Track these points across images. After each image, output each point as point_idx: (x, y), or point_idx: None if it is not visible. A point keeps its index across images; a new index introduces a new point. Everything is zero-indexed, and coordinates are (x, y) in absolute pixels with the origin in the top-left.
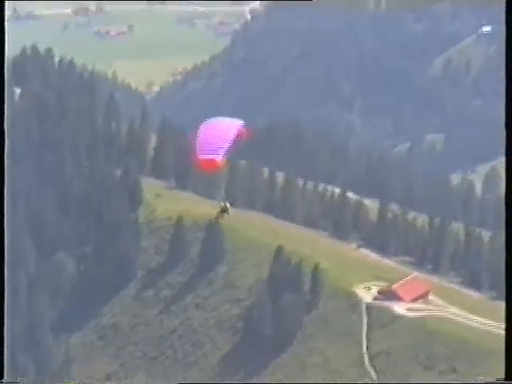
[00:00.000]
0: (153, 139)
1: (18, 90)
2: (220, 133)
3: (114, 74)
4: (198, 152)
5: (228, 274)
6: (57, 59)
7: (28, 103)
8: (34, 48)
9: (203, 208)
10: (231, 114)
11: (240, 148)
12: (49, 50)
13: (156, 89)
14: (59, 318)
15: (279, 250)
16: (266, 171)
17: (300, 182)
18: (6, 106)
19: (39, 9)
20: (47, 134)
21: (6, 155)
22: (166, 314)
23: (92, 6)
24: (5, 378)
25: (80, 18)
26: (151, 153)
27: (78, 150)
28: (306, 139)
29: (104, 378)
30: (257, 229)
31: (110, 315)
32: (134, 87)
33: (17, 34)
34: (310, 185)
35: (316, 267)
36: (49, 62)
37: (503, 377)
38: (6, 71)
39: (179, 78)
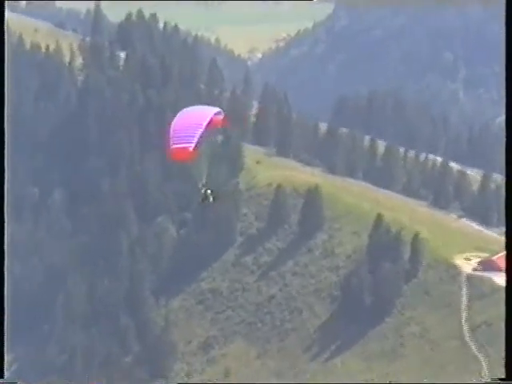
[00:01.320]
0: (255, 105)
1: (122, 55)
2: (191, 122)
3: (217, 39)
4: (170, 142)
5: (327, 241)
6: (161, 24)
7: (132, 67)
8: (140, 13)
9: (303, 175)
10: (334, 82)
11: (341, 116)
12: (153, 15)
13: (259, 55)
14: (159, 281)
15: (379, 218)
16: (366, 139)
17: (401, 150)
18: (6, 105)
19: None
20: (150, 99)
21: (6, 155)
22: (264, 280)
23: None
24: (5, 377)
25: None
26: (253, 119)
27: None
28: (408, 108)
29: (203, 342)
30: (356, 197)
31: (210, 280)
32: (236, 53)
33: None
34: (412, 154)
35: (416, 236)
36: (153, 27)
37: None
38: (5, 71)
39: (282, 44)
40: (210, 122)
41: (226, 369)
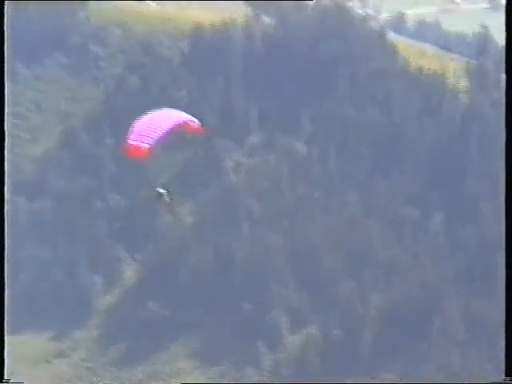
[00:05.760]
0: None
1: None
2: (154, 122)
3: None
4: (128, 137)
5: None
6: None
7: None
8: None
9: None
10: None
11: None
12: None
13: None
14: None
15: None
16: None
17: None
18: (6, 105)
19: None
20: None
21: (5, 155)
22: None
23: None
24: (5, 377)
25: None
26: None
27: None
28: None
29: None
30: None
31: None
32: None
33: None
34: None
35: None
36: None
37: None
38: (5, 70)
39: None
40: (173, 127)
41: None
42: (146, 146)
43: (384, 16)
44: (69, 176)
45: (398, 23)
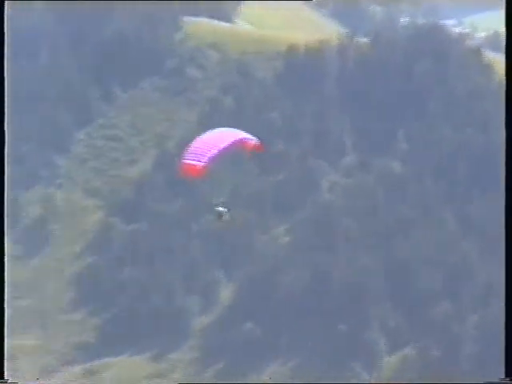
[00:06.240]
0: None
1: None
2: (210, 142)
3: None
4: (184, 157)
5: None
6: None
7: None
8: None
9: None
10: None
11: None
12: None
13: None
14: None
15: None
16: None
17: None
18: (5, 105)
19: None
20: None
21: (5, 155)
22: None
23: None
24: (5, 377)
25: None
26: None
27: None
28: None
29: None
30: None
31: None
32: None
33: None
34: None
35: None
36: None
37: None
38: (5, 70)
39: None
40: (231, 145)
41: None
42: (201, 164)
43: (480, 34)
44: (165, 198)
45: (495, 41)
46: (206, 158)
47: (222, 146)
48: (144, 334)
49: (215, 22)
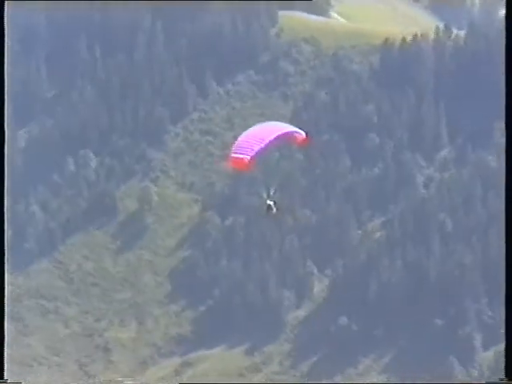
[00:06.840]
0: None
1: None
2: (257, 135)
3: None
4: (232, 150)
5: None
6: None
7: None
8: None
9: None
10: None
11: None
12: None
13: None
14: None
15: None
16: None
17: None
18: (5, 106)
19: None
20: None
21: (5, 155)
22: None
23: None
24: (5, 377)
25: None
26: None
27: None
28: None
29: None
30: None
31: None
32: None
33: None
34: None
35: None
36: None
37: None
38: (5, 70)
39: None
40: (277, 138)
41: None
42: (247, 157)
43: None
44: (262, 191)
45: None
46: (253, 151)
47: (269, 139)
48: (239, 326)
49: (310, 16)
